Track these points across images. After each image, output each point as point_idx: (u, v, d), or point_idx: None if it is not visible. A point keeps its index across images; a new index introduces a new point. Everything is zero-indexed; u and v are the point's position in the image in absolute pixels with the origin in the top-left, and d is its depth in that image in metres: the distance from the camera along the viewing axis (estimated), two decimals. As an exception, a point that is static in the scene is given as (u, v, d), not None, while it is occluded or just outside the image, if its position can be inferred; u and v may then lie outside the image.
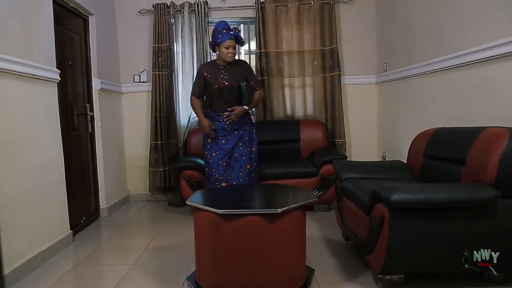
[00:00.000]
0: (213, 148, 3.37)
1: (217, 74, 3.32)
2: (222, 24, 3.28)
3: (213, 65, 3.41)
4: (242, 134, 3.39)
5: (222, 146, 3.34)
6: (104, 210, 4.03)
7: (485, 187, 1.96)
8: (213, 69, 3.36)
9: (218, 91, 3.31)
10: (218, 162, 3.33)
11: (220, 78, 3.31)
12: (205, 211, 2.13)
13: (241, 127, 3.40)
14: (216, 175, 3.34)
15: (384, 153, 4.39)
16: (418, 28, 3.50)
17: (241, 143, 3.38)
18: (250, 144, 3.44)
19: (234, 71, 3.35)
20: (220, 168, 3.33)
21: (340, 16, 4.56)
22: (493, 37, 2.46)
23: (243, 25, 4.74)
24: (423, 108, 3.45)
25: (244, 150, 3.38)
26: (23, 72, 2.62)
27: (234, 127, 3.37)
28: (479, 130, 2.24)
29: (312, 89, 4.52)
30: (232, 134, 3.37)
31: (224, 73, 3.33)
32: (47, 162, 2.90)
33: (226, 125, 3.35)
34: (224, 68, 3.35)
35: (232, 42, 3.23)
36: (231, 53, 3.25)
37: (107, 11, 4.36)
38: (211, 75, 3.34)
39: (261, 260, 2.08)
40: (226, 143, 3.35)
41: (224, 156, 3.33)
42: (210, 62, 3.54)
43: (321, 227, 3.40)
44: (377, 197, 2.07)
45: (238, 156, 3.36)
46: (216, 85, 3.29)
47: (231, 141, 3.36)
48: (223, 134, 3.36)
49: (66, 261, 2.84)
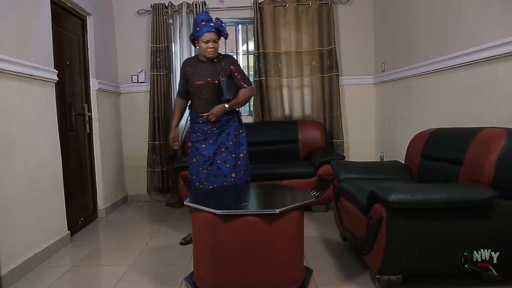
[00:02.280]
0: (193, 153, 3.03)
1: (198, 71, 2.97)
2: (201, 16, 2.94)
3: (195, 61, 3.06)
4: (225, 138, 3.00)
5: (202, 152, 2.97)
6: (102, 210, 4.02)
7: (482, 187, 1.97)
8: (194, 65, 3.02)
9: (197, 89, 2.96)
10: (197, 169, 2.98)
11: (200, 74, 2.96)
12: (203, 212, 2.13)
13: (225, 130, 3.00)
14: (196, 183, 3.01)
15: (382, 154, 4.39)
16: (416, 29, 3.51)
17: (223, 149, 2.98)
18: (236, 150, 3.01)
19: (216, 67, 2.98)
20: (200, 175, 2.98)
21: (338, 16, 4.56)
22: (491, 37, 2.47)
23: (241, 26, 4.75)
24: (420, 108, 3.46)
25: (227, 156, 2.97)
26: (21, 72, 2.61)
27: (216, 130, 2.98)
28: (477, 131, 2.25)
29: (310, 90, 4.53)
30: (214, 138, 2.98)
31: (205, 69, 2.97)
32: (44, 162, 2.89)
33: (206, 127, 2.97)
34: (206, 64, 2.99)
35: (212, 35, 2.86)
36: (211, 48, 2.88)
37: (105, 11, 4.35)
38: (191, 72, 3.00)
39: (259, 260, 2.08)
40: (206, 149, 2.97)
41: (204, 162, 2.96)
42: (193, 57, 3.20)
43: (319, 227, 3.40)
44: (375, 197, 2.08)
45: (221, 163, 2.96)
46: (195, 82, 2.95)
47: (212, 147, 2.96)
48: (203, 138, 2.98)
49: (63, 261, 2.84)
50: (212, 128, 2.98)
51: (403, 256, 2.07)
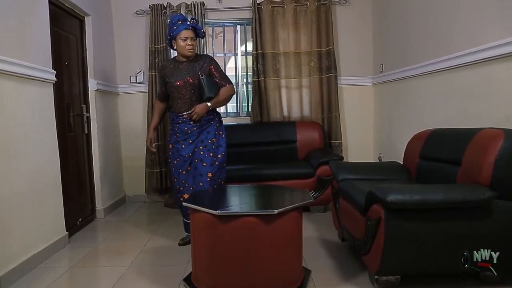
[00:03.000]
0: (174, 155, 2.99)
1: (176, 71, 2.96)
2: (177, 16, 2.95)
3: (172, 62, 3.04)
4: (204, 136, 2.96)
5: (182, 152, 2.94)
6: (100, 211, 4.01)
7: (480, 188, 1.97)
8: (172, 67, 3.00)
9: (177, 90, 2.92)
10: (178, 171, 2.96)
11: (178, 75, 2.93)
12: (201, 212, 2.13)
13: (205, 129, 2.98)
14: (177, 186, 3.00)
15: (381, 154, 4.40)
16: (414, 30, 3.51)
17: (201, 147, 2.94)
18: (215, 150, 2.97)
19: (194, 66, 2.96)
20: (180, 177, 2.96)
21: (336, 17, 4.57)
22: (489, 38, 2.48)
23: (239, 26, 4.75)
24: (419, 109, 3.47)
25: (205, 154, 2.92)
26: (19, 73, 2.61)
27: (196, 130, 2.95)
28: (475, 131, 2.25)
29: (309, 90, 4.53)
30: (194, 138, 2.95)
31: (184, 69, 2.95)
32: (42, 163, 2.89)
33: (186, 127, 2.94)
34: (184, 64, 2.97)
35: (189, 32, 2.87)
36: (189, 45, 2.87)
37: (104, 11, 4.35)
38: (169, 73, 2.98)
39: (258, 261, 2.07)
40: (186, 148, 2.94)
41: (184, 163, 2.94)
42: (170, 60, 3.19)
43: (317, 228, 3.40)
44: (373, 198, 2.08)
45: (198, 162, 2.92)
46: (173, 83, 2.92)
47: (191, 146, 2.94)
48: (183, 138, 2.95)
49: (61, 262, 2.83)
50: (192, 128, 2.95)
51: (401, 256, 2.07)
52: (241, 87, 4.87)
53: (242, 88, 4.88)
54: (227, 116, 4.84)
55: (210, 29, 4.76)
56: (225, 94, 3.02)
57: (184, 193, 2.95)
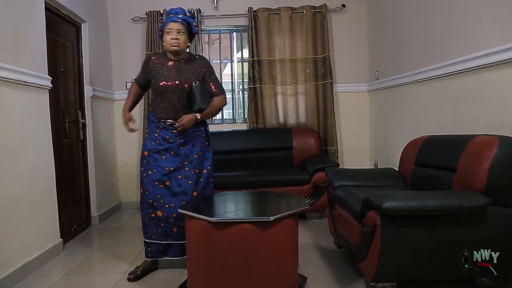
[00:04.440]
0: (149, 164, 2.61)
1: (163, 70, 2.63)
2: (173, 9, 2.64)
3: (162, 57, 2.69)
4: (189, 150, 2.65)
5: (162, 163, 2.59)
6: (95, 218, 3.99)
7: (475, 194, 1.98)
8: (161, 62, 2.66)
9: (162, 91, 2.60)
10: (153, 183, 2.59)
11: (165, 75, 2.61)
12: (197, 219, 2.13)
13: (190, 141, 2.66)
14: (149, 200, 2.60)
15: (376, 161, 4.41)
16: (409, 37, 3.54)
17: (187, 162, 2.63)
18: (200, 165, 2.68)
19: (187, 69, 2.64)
20: (155, 191, 2.59)
21: (332, 24, 4.60)
22: (483, 46, 2.50)
23: (236, 33, 4.77)
24: (414, 115, 3.49)
25: (190, 171, 2.63)
26: (14, 79, 2.60)
27: (180, 140, 2.62)
28: (469, 138, 2.26)
29: (305, 97, 4.55)
30: (177, 149, 2.62)
31: (173, 69, 2.62)
32: (37, 169, 2.87)
33: (168, 135, 2.61)
34: (174, 63, 2.65)
35: (176, 25, 2.54)
36: (173, 39, 2.54)
37: (100, 18, 4.36)
38: (157, 69, 2.64)
39: (254, 268, 2.07)
40: (168, 161, 2.59)
41: (162, 177, 2.58)
42: (160, 53, 2.81)
43: (313, 234, 3.40)
44: (369, 204, 2.08)
45: (182, 179, 2.61)
46: (160, 82, 2.59)
47: (174, 159, 2.60)
48: (163, 148, 2.60)
49: (56, 270, 2.80)
50: (175, 137, 2.62)
51: (397, 263, 2.07)
52: (237, 93, 4.88)
53: (238, 95, 4.90)
54: (223, 123, 4.84)
55: (206, 36, 4.78)
56: (218, 105, 2.75)
57: (158, 210, 2.60)
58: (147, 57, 2.83)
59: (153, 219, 2.63)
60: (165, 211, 2.60)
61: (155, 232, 2.64)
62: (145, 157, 2.64)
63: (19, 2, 2.74)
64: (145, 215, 2.66)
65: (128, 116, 2.73)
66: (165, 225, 2.62)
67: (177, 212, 2.50)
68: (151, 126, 2.67)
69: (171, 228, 2.62)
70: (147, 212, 2.64)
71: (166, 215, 2.60)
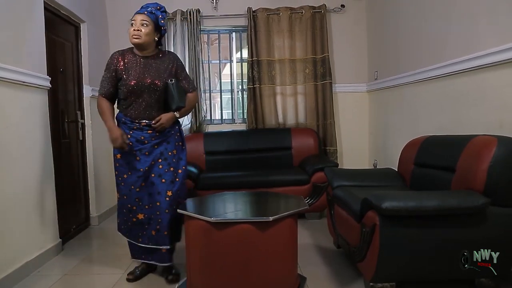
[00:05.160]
0: (123, 168, 2.50)
1: (135, 67, 2.46)
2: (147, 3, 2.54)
3: (129, 54, 2.52)
4: (164, 147, 2.52)
5: (136, 165, 2.46)
6: (94, 218, 3.99)
7: (474, 195, 1.98)
8: (129, 60, 2.49)
9: (135, 91, 2.44)
10: (130, 187, 2.48)
11: (136, 73, 2.45)
12: (196, 219, 2.13)
13: (165, 139, 2.53)
14: (128, 205, 2.50)
15: (375, 161, 4.41)
16: (408, 38, 3.55)
17: (161, 160, 2.49)
18: (176, 164, 2.56)
19: (158, 65, 2.50)
20: (132, 195, 2.48)
21: (331, 25, 4.61)
22: (482, 46, 2.51)
23: (235, 33, 4.77)
24: (413, 116, 3.49)
25: (164, 169, 2.49)
26: (13, 79, 2.60)
27: (155, 140, 2.49)
28: (468, 138, 2.27)
29: (304, 97, 4.55)
30: (151, 149, 2.48)
31: (145, 67, 2.47)
32: (36, 169, 2.87)
33: (143, 135, 2.48)
34: (144, 59, 2.49)
35: (141, 16, 2.42)
36: (136, 31, 2.40)
37: (99, 18, 4.36)
38: (126, 68, 2.46)
39: (253, 268, 2.07)
40: (141, 162, 2.46)
41: (138, 179, 2.46)
42: (126, 50, 2.59)
43: (312, 234, 3.40)
44: (368, 204, 2.08)
45: (155, 177, 2.47)
46: (132, 81, 2.42)
47: (148, 159, 2.47)
48: (137, 148, 2.47)
49: (55, 270, 2.80)
50: (150, 138, 2.49)
51: (396, 263, 2.07)
52: (236, 94, 4.88)
53: (237, 95, 4.90)
54: (223, 123, 4.84)
55: (205, 36, 4.78)
56: (193, 102, 2.69)
57: (139, 213, 2.49)
58: (112, 56, 2.57)
59: (135, 223, 2.53)
60: (146, 213, 2.49)
61: (140, 235, 2.54)
62: (118, 160, 2.52)
63: (19, 2, 2.74)
64: (127, 219, 2.56)
65: (120, 131, 2.45)
66: (148, 227, 2.51)
67: (152, 211, 2.47)
68: (123, 128, 2.49)
69: (150, 230, 2.50)
70: (128, 216, 2.54)
71: (148, 217, 2.49)
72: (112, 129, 2.44)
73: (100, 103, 2.53)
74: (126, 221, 2.57)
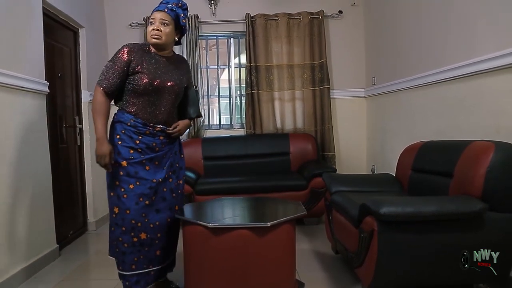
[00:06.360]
0: (129, 178, 2.15)
1: (154, 65, 2.20)
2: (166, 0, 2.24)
3: (145, 50, 2.23)
4: (173, 159, 2.33)
5: (146, 175, 2.17)
6: (92, 223, 3.97)
7: (472, 200, 1.99)
8: (146, 56, 2.20)
9: (155, 92, 2.17)
10: (137, 199, 2.14)
11: (160, 72, 2.20)
12: (194, 225, 2.12)
13: (172, 148, 2.33)
14: (132, 221, 2.14)
15: (373, 166, 4.42)
16: (406, 43, 3.56)
17: (171, 173, 2.30)
18: (179, 175, 2.40)
19: (174, 69, 2.29)
20: (139, 209, 2.15)
21: (329, 30, 4.63)
22: (480, 52, 2.52)
23: (233, 39, 4.79)
24: (411, 121, 3.50)
25: (174, 183, 2.33)
26: (11, 84, 2.60)
27: (165, 148, 2.27)
28: (466, 144, 2.27)
29: (302, 103, 4.56)
30: (161, 159, 2.25)
31: (166, 66, 2.24)
32: (34, 174, 2.86)
33: (155, 142, 2.22)
34: (163, 60, 2.25)
35: (161, 14, 2.16)
36: (155, 30, 2.15)
37: (98, 24, 4.37)
38: (143, 63, 2.17)
39: (251, 273, 2.06)
40: (152, 172, 2.20)
41: (149, 190, 2.17)
42: (141, 44, 2.29)
43: (311, 240, 3.39)
44: (367, 210, 2.08)
45: (167, 192, 2.26)
46: (154, 81, 2.16)
47: (160, 170, 2.23)
48: (148, 157, 2.19)
49: (52, 276, 2.79)
50: (161, 145, 2.25)
51: (395, 268, 2.07)
52: (234, 99, 4.89)
53: (235, 100, 4.90)
54: (221, 128, 4.85)
55: (204, 42, 4.79)
56: None
57: (142, 232, 2.17)
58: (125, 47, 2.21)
59: (135, 244, 2.18)
60: (149, 233, 2.19)
61: (136, 260, 2.20)
62: (123, 168, 2.15)
63: (17, 7, 2.74)
64: (124, 241, 2.17)
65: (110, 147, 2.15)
66: (149, 249, 2.21)
67: (162, 232, 2.23)
68: (129, 131, 2.18)
69: (154, 252, 2.24)
70: (128, 237, 2.16)
71: (150, 237, 2.19)
72: (103, 142, 2.12)
73: (99, 100, 2.16)
74: (121, 243, 2.19)
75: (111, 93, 2.20)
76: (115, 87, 2.18)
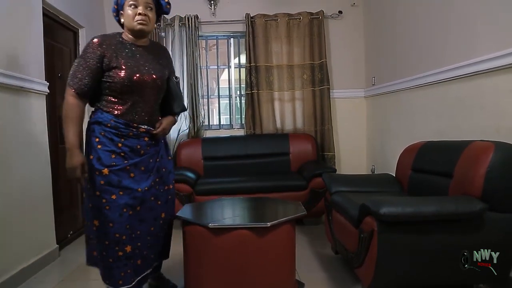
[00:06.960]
0: (110, 187, 1.92)
1: (131, 57, 1.95)
2: None
3: (118, 41, 1.97)
4: (159, 163, 2.11)
5: (130, 183, 1.95)
6: (91, 224, 3.96)
7: (472, 200, 1.99)
8: (120, 47, 1.95)
9: (135, 89, 1.94)
10: (121, 210, 1.92)
11: (139, 65, 1.96)
12: (194, 225, 2.12)
13: (158, 151, 2.12)
14: (115, 235, 1.92)
15: (373, 166, 4.42)
16: (406, 43, 3.56)
17: (158, 179, 2.08)
18: (167, 180, 2.18)
19: (153, 58, 2.03)
20: (123, 221, 1.93)
21: (329, 31, 4.63)
22: (480, 52, 2.52)
23: (233, 39, 4.79)
24: (411, 121, 3.50)
25: (160, 189, 2.11)
26: (11, 84, 2.60)
27: (150, 150, 2.05)
28: (466, 144, 2.27)
29: (302, 103, 4.56)
30: (147, 163, 2.03)
31: (143, 58, 1.99)
32: (34, 175, 2.86)
33: (139, 144, 2.00)
34: (140, 50, 2.00)
35: None
36: (141, 16, 1.90)
37: (98, 24, 4.36)
38: (117, 57, 1.92)
39: (251, 274, 2.06)
40: (138, 179, 1.98)
41: (134, 200, 1.96)
42: (112, 34, 2.01)
43: (310, 240, 3.39)
44: (366, 210, 2.08)
45: (153, 201, 2.06)
46: (133, 76, 1.92)
47: (144, 176, 2.01)
48: (132, 162, 1.97)
49: (52, 276, 2.79)
50: (146, 146, 2.03)
51: (394, 269, 2.07)
52: (234, 99, 4.89)
53: (235, 101, 4.90)
54: (220, 128, 4.84)
55: (204, 42, 4.79)
56: None
57: (128, 244, 1.96)
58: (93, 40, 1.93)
59: (121, 258, 1.96)
60: (133, 245, 1.99)
61: (123, 275, 1.98)
62: (104, 177, 1.91)
63: (17, 7, 2.74)
64: (108, 255, 1.96)
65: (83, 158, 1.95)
66: (134, 261, 2.01)
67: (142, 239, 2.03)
68: (109, 133, 1.97)
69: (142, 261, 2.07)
70: (112, 251, 1.95)
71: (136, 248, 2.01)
72: (74, 153, 1.90)
73: (70, 103, 1.91)
74: (105, 257, 1.97)
75: (84, 94, 1.94)
76: (88, 87, 1.92)
